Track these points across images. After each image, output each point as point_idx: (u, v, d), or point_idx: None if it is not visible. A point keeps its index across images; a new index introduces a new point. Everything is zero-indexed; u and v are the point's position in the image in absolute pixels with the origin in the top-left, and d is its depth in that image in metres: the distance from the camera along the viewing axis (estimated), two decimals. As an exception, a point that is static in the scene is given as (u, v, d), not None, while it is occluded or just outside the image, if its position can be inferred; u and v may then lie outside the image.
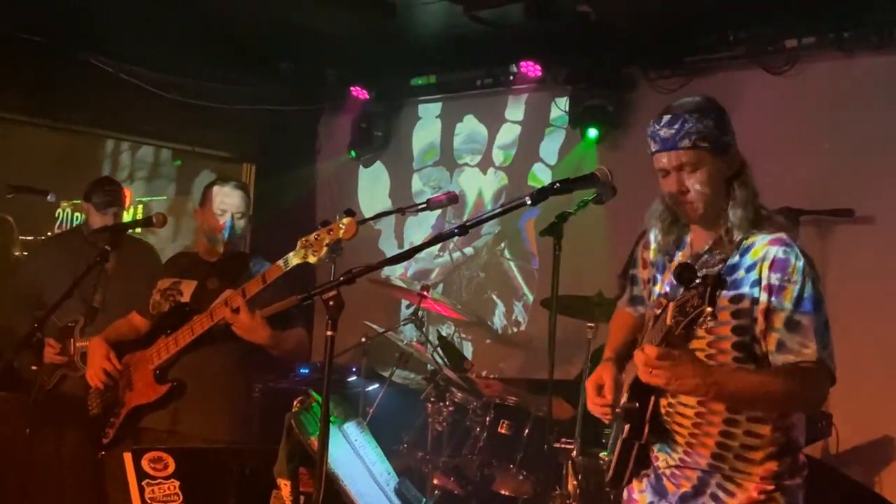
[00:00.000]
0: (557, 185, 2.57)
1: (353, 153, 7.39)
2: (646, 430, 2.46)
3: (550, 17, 5.68)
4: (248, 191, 4.03)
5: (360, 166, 7.61)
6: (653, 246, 2.68)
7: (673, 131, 2.45)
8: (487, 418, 4.76)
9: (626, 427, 2.48)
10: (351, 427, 3.22)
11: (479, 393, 5.04)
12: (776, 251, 2.40)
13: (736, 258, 2.45)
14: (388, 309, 7.20)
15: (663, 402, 2.49)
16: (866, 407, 5.01)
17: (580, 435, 4.37)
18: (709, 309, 2.09)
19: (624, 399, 2.51)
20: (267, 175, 7.53)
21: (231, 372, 3.80)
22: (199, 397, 3.71)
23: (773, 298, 2.37)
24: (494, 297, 6.93)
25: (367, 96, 7.18)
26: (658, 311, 2.50)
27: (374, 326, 5.48)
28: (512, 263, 6.86)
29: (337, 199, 7.68)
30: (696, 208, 2.48)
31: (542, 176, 6.71)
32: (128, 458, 3.16)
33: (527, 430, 4.67)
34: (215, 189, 3.88)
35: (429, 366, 5.22)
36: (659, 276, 2.64)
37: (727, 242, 2.47)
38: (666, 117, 2.48)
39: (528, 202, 2.56)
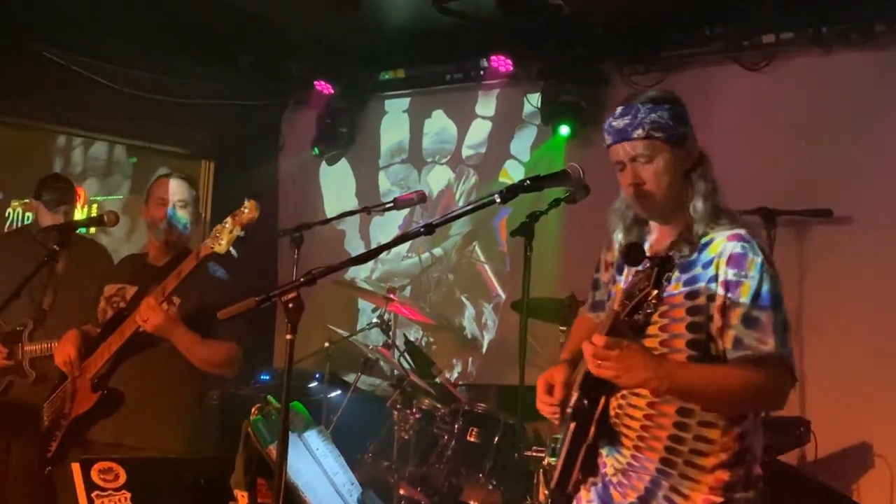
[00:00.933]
0: (528, 182, 2.54)
1: (316, 150, 7.36)
2: (592, 430, 2.42)
3: (522, 10, 5.70)
4: (195, 183, 4.00)
5: (325, 164, 7.58)
6: (615, 245, 2.69)
7: (626, 122, 2.47)
8: (456, 426, 4.74)
9: (573, 426, 2.45)
10: (312, 435, 3.19)
11: (448, 399, 5.02)
12: (733, 246, 2.40)
13: (694, 254, 2.45)
14: (352, 312, 7.18)
15: (613, 402, 2.48)
16: (845, 413, 5.06)
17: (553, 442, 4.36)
18: (654, 292, 2.09)
19: (574, 398, 2.49)
20: (226, 173, 7.47)
21: (180, 378, 3.75)
22: (146, 407, 3.67)
23: (729, 294, 2.37)
24: (464, 299, 6.93)
25: (332, 91, 7.16)
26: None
27: (338, 330, 5.46)
28: (483, 265, 6.85)
29: (300, 197, 7.65)
30: (653, 202, 2.48)
31: (514, 173, 6.71)
32: (76, 468, 3.11)
33: (497, 438, 4.66)
34: (158, 181, 3.90)
35: (395, 371, 5.20)
36: (619, 278, 2.64)
37: (687, 239, 2.47)
38: (619, 109, 2.51)
39: (498, 200, 2.53)
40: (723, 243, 2.42)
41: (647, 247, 2.59)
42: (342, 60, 6.97)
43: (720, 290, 2.37)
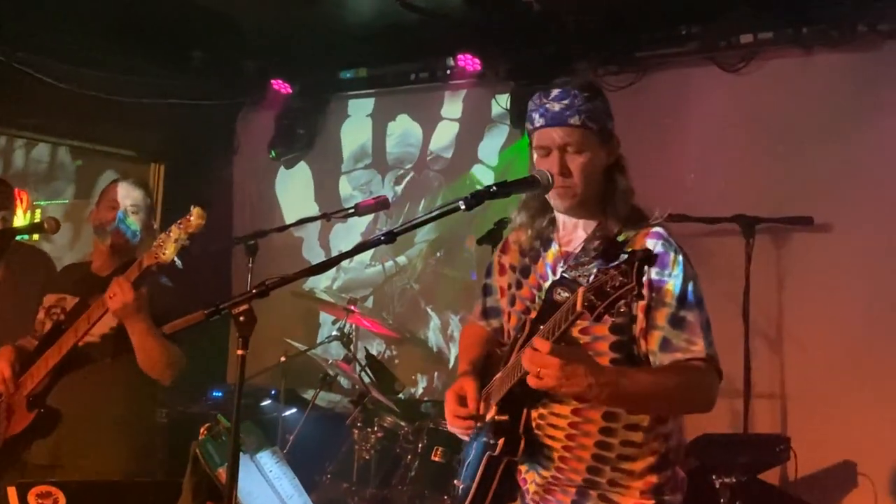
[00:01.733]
0: (494, 188, 2.52)
1: (273, 153, 7.31)
2: (521, 445, 2.43)
3: (491, 6, 5.69)
4: (149, 190, 3.95)
5: (282, 167, 7.54)
6: (512, 247, 2.70)
7: (563, 106, 2.47)
8: (420, 445, 4.72)
9: (500, 443, 2.43)
10: (265, 456, 3.15)
11: (412, 417, 5.00)
12: (654, 245, 2.41)
13: (612, 253, 2.44)
14: (312, 325, 7.13)
15: (534, 413, 2.47)
16: (827, 429, 5.08)
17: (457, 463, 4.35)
18: (636, 289, 2.07)
19: (492, 413, 2.48)
20: (177, 176, 7.41)
21: (123, 395, 3.69)
22: (86, 426, 3.60)
23: (653, 294, 2.39)
24: (429, 310, 6.90)
25: (290, 90, 7.12)
26: (530, 315, 2.52)
27: (295, 344, 5.41)
28: (449, 274, 6.84)
29: (256, 203, 7.60)
30: (575, 195, 2.48)
31: (482, 178, 6.71)
32: (12, 492, 3.07)
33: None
34: (112, 184, 3.86)
35: (356, 387, 5.17)
36: (524, 279, 2.64)
37: (603, 237, 2.48)
38: (556, 91, 2.50)
39: (462, 207, 2.51)
40: (641, 242, 2.43)
41: (555, 247, 2.58)
42: (301, 58, 6.93)
43: (643, 290, 2.36)
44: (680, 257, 2.42)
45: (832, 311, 5.18)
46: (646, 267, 2.11)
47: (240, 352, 2.47)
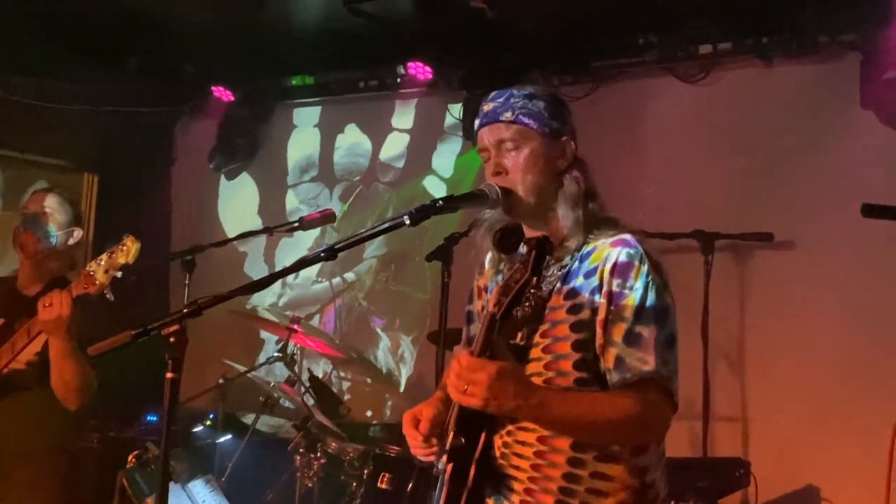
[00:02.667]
0: (440, 203, 2.49)
1: (214, 163, 7.25)
2: (472, 472, 2.34)
3: (442, 12, 5.69)
4: (67, 196, 3.87)
5: (223, 179, 7.47)
6: (486, 268, 2.66)
7: (497, 104, 2.48)
8: (365, 471, 4.68)
9: (449, 468, 2.34)
10: (198, 485, 3.11)
11: (358, 442, 4.96)
12: (618, 253, 2.37)
13: (575, 264, 2.42)
14: (253, 345, 7.07)
15: (498, 440, 2.41)
16: (788, 453, 5.13)
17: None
18: (534, 279, 2.05)
19: (450, 437, 2.40)
20: (112, 187, 7.32)
21: (46, 421, 3.62)
22: (5, 455, 3.53)
23: (612, 307, 2.33)
24: (378, 330, 6.87)
25: (232, 98, 7.07)
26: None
27: (235, 365, 5.35)
28: (401, 291, 6.81)
29: (195, 216, 7.53)
30: (515, 196, 2.44)
31: (435, 191, 6.71)
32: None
33: (411, 485, 4.60)
34: (29, 194, 3.84)
35: (300, 411, 5.12)
36: (488, 296, 2.60)
37: (562, 249, 2.44)
38: (493, 93, 2.52)
39: (407, 222, 2.47)
40: (606, 250, 2.38)
41: (520, 253, 2.54)
42: (243, 64, 6.90)
43: (604, 302, 2.33)
44: (644, 267, 2.35)
45: (794, 330, 5.24)
46: (544, 256, 2.09)
47: (170, 375, 2.43)
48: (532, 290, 2.09)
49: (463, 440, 2.36)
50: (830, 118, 5.26)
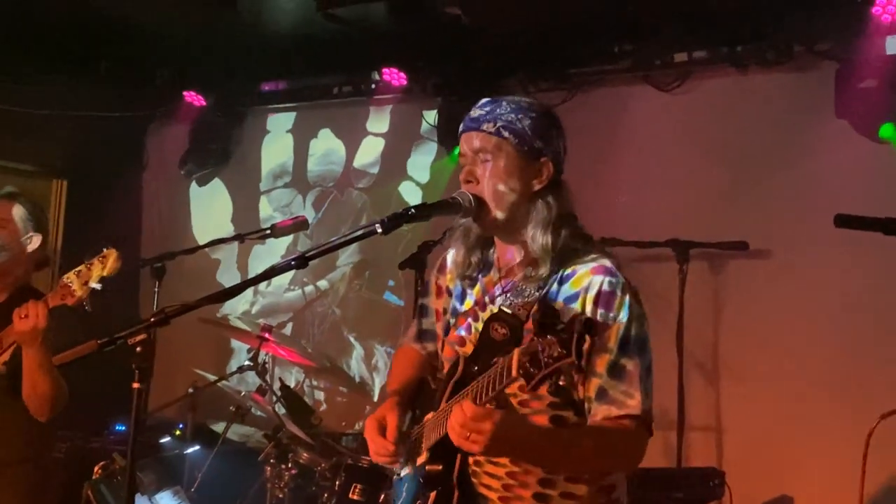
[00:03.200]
0: (412, 211, 2.49)
1: (185, 169, 7.22)
2: (456, 496, 2.39)
3: (417, 19, 5.70)
4: (30, 203, 3.82)
5: (195, 185, 7.44)
6: (449, 268, 2.66)
7: (482, 113, 2.48)
8: (337, 482, 4.65)
9: (432, 496, 2.40)
10: (165, 497, 3.08)
11: (329, 452, 4.93)
12: (601, 282, 2.38)
13: (554, 286, 2.43)
14: (223, 353, 7.04)
15: (470, 459, 2.44)
16: (763, 463, 5.15)
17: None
18: (577, 362, 2.03)
19: (423, 458, 2.45)
20: (82, 193, 7.29)
21: (13, 432, 3.59)
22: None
23: (595, 338, 2.29)
24: (352, 338, 6.86)
25: (204, 103, 7.05)
26: (461, 349, 2.49)
27: (205, 374, 5.31)
28: (374, 299, 6.80)
29: (166, 222, 7.49)
30: (484, 207, 2.44)
31: (410, 197, 6.71)
32: None
33: (383, 496, 4.58)
34: None
35: (271, 421, 5.09)
36: (459, 306, 2.61)
37: (536, 270, 2.44)
38: (484, 100, 2.51)
39: (379, 231, 2.47)
40: (587, 277, 2.39)
41: (494, 273, 2.55)
42: (216, 69, 6.89)
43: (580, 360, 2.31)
44: (627, 297, 2.37)
45: (769, 341, 5.26)
46: (587, 336, 2.04)
47: (136, 385, 2.41)
48: (573, 371, 2.08)
49: (440, 466, 2.40)
50: (806, 127, 5.30)
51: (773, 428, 5.18)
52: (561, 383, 2.11)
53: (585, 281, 2.39)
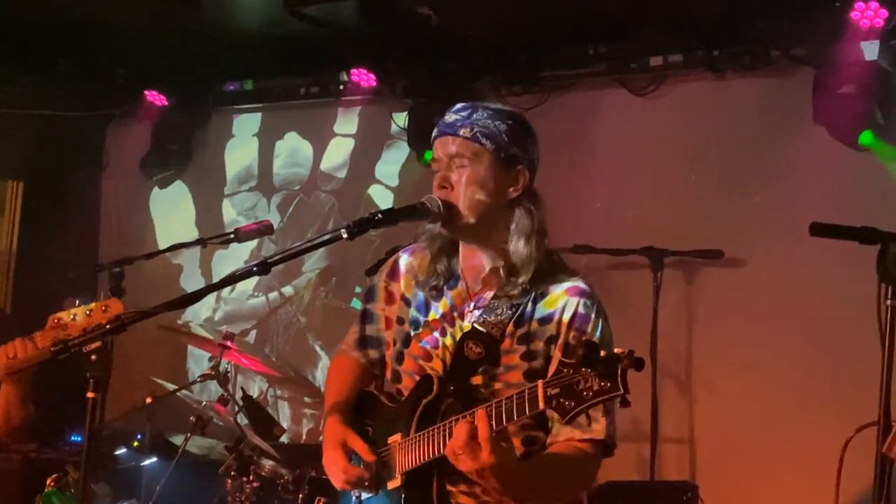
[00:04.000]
0: (379, 216, 2.49)
1: (146, 171, 7.17)
2: None
3: (387, 18, 5.69)
4: None
5: (156, 187, 7.38)
6: (403, 274, 2.64)
7: (458, 118, 2.48)
8: (301, 495, 4.65)
9: None
10: (121, 511, 3.04)
11: (293, 464, 4.90)
12: (576, 304, 2.41)
13: (529, 305, 2.43)
14: (184, 362, 7.01)
15: (447, 481, 2.43)
16: (737, 476, 5.18)
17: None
18: (624, 394, 2.02)
19: (397, 483, 2.44)
20: (38, 195, 7.22)
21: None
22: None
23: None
24: (317, 347, 6.82)
25: (166, 102, 7.00)
26: (427, 363, 2.48)
27: (164, 384, 5.27)
28: (341, 307, 6.77)
29: (126, 226, 7.42)
30: (457, 213, 2.44)
31: (380, 201, 6.69)
32: None
33: (347, 510, 4.56)
34: None
35: (232, 432, 5.06)
36: (422, 316, 2.58)
37: (510, 284, 2.44)
38: (459, 105, 2.52)
39: (344, 236, 2.46)
40: (562, 298, 2.41)
41: (461, 285, 2.54)
42: (179, 68, 6.83)
43: (558, 354, 2.32)
44: (600, 321, 2.41)
45: (743, 351, 5.29)
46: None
47: (91, 394, 2.41)
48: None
49: (418, 491, 2.40)
50: (782, 133, 5.34)
51: (747, 440, 5.21)
52: (591, 413, 2.18)
53: (560, 302, 2.41)
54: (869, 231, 2.53)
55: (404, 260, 2.65)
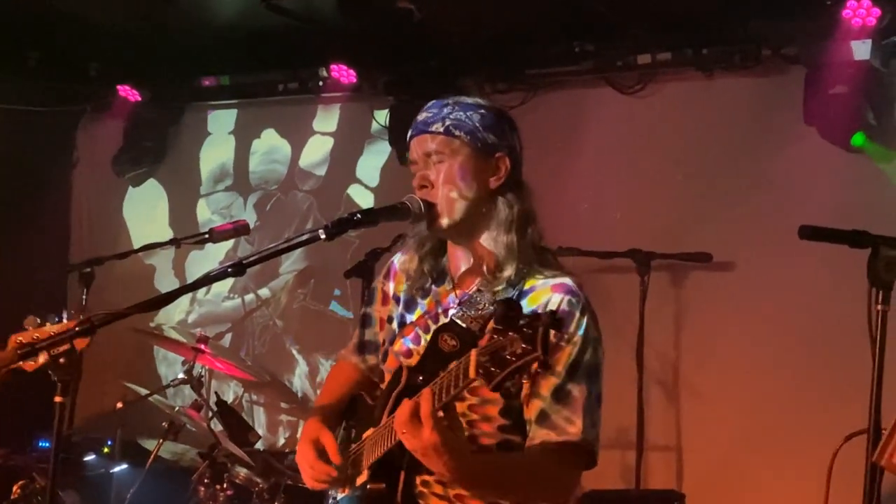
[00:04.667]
0: (359, 216, 2.48)
1: (118, 168, 7.15)
2: None
3: (367, 12, 5.68)
4: None
5: (129, 185, 7.36)
6: (397, 274, 2.66)
7: (429, 115, 2.49)
8: (276, 503, 4.63)
9: None
10: (90, 520, 3.02)
11: (269, 472, 4.89)
12: (560, 300, 2.38)
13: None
14: (157, 366, 7.00)
15: (417, 478, 2.42)
16: (724, 485, 5.19)
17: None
18: (543, 357, 2.00)
19: (364, 478, 2.43)
20: (6, 192, 7.15)
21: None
22: None
23: (563, 333, 2.33)
24: (295, 351, 6.80)
25: (139, 98, 6.99)
26: (406, 360, 2.48)
27: (136, 388, 5.25)
28: (319, 310, 6.76)
29: (98, 225, 7.41)
30: (440, 211, 2.45)
31: (360, 201, 6.68)
32: None
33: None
34: None
35: (206, 438, 5.04)
36: (408, 315, 2.60)
37: (495, 279, 2.43)
38: (431, 102, 2.53)
39: (322, 237, 2.46)
40: (547, 294, 2.39)
41: (448, 283, 2.55)
42: (153, 62, 6.81)
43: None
44: (585, 319, 2.38)
45: (732, 357, 5.31)
46: (552, 332, 2.04)
47: (58, 399, 2.39)
48: (536, 369, 2.05)
49: (384, 485, 2.38)
50: (773, 134, 5.36)
51: (735, 448, 5.22)
52: (524, 382, 2.08)
53: (544, 297, 2.39)
54: (860, 234, 2.53)
55: (398, 258, 2.67)
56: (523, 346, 2.02)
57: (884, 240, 2.49)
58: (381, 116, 6.46)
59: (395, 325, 2.63)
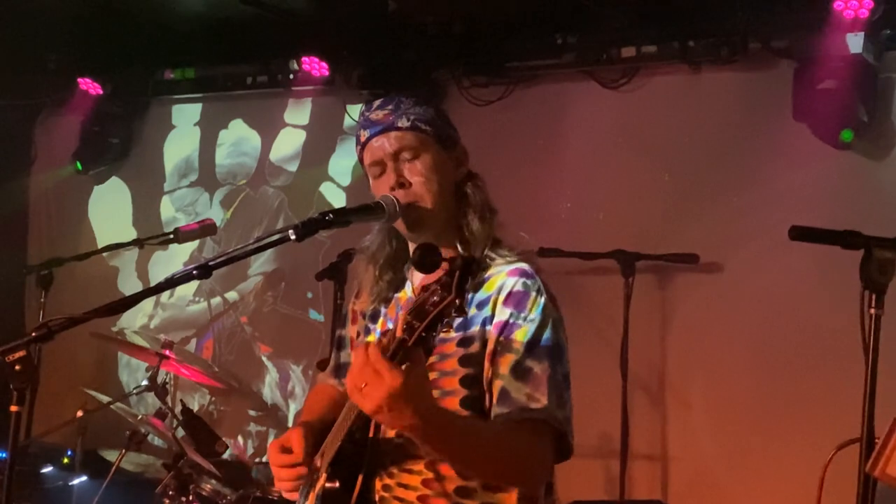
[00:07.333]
0: (330, 216, 2.48)
1: (79, 165, 7.12)
2: None
3: (341, 3, 5.69)
4: None
5: (90, 182, 7.33)
6: (364, 293, 2.67)
7: (388, 111, 2.51)
8: (244, 516, 4.62)
9: None
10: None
11: (237, 483, 4.88)
12: (514, 283, 2.40)
13: (468, 294, 2.35)
14: (119, 373, 6.98)
15: (378, 482, 2.41)
16: (711, 495, 5.21)
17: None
18: (457, 301, 1.99)
19: (322, 480, 2.42)
20: (-41, 190, 7.14)
21: None
22: None
23: (502, 338, 2.36)
24: (264, 357, 6.79)
25: (101, 91, 6.97)
26: None
27: (97, 396, 5.22)
28: (290, 314, 6.74)
29: (56, 224, 7.36)
30: (423, 208, 2.46)
31: (333, 199, 6.67)
32: None
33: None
34: None
35: (171, 448, 5.02)
36: (372, 326, 2.63)
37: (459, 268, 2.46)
38: (379, 101, 2.55)
39: (293, 238, 2.45)
40: (502, 279, 2.42)
41: (408, 287, 2.57)
42: (114, 54, 6.79)
43: (494, 333, 2.36)
44: (542, 299, 2.39)
45: (719, 362, 5.33)
46: (469, 277, 2.02)
47: (14, 408, 2.38)
48: (454, 315, 2.05)
49: (337, 483, 2.36)
50: (761, 130, 5.38)
51: (722, 457, 5.25)
52: (445, 331, 2.08)
53: (499, 282, 2.41)
54: (852, 235, 2.54)
55: (364, 274, 2.67)
56: (441, 292, 2.03)
57: (877, 241, 2.50)
58: (355, 111, 6.45)
59: (361, 337, 2.67)
